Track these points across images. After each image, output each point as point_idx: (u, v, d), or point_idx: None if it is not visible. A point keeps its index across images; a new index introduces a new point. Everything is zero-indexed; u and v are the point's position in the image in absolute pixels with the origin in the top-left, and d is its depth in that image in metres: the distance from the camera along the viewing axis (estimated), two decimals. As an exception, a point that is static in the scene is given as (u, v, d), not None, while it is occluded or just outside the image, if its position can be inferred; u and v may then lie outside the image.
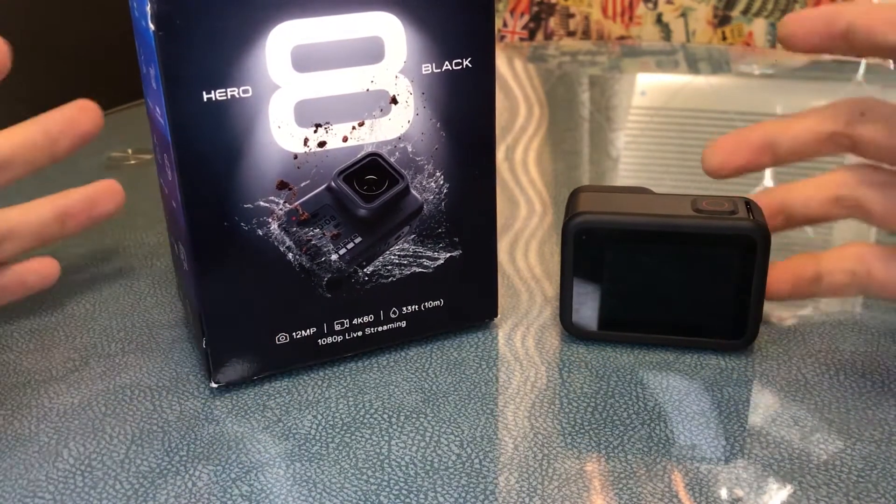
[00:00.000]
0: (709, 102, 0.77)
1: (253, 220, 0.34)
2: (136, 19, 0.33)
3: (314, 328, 0.37)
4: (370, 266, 0.37)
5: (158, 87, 0.32)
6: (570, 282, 0.38)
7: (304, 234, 0.35)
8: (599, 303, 0.38)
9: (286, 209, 0.34)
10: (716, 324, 0.37)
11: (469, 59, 0.35)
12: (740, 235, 0.36)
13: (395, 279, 0.37)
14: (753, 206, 0.37)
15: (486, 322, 0.41)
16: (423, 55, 0.34)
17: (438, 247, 0.38)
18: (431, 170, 0.36)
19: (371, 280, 0.37)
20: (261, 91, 0.32)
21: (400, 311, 0.38)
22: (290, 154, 0.34)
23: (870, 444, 0.33)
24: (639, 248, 0.37)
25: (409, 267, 0.37)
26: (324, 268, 0.36)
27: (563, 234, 0.37)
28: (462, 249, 0.38)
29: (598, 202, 0.38)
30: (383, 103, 0.34)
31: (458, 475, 0.32)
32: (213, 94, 0.32)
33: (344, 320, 0.37)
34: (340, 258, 0.36)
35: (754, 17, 1.12)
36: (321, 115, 0.34)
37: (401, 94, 0.35)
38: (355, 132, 0.34)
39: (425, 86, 0.35)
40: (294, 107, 0.33)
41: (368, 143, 0.35)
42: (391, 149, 0.35)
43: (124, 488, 0.32)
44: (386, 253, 0.37)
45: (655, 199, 0.38)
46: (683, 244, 0.36)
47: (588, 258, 0.37)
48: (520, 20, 1.17)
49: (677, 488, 0.31)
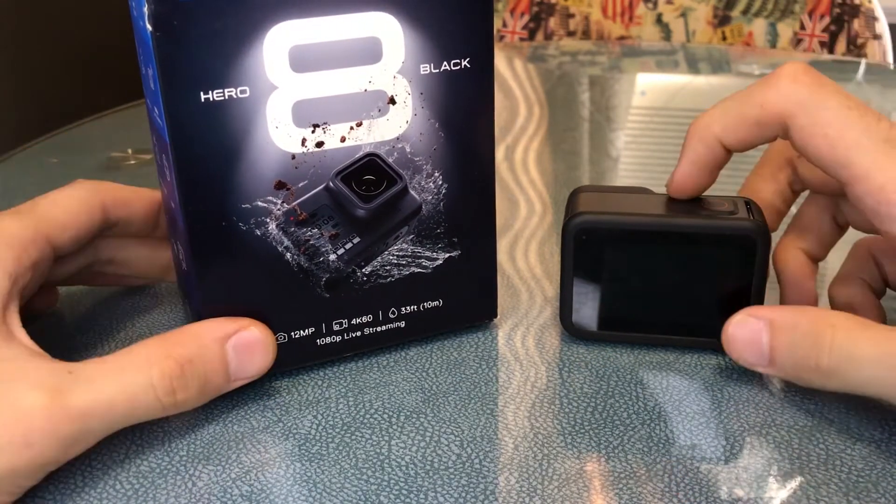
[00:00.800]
0: (709, 102, 0.77)
1: (251, 221, 0.34)
2: (135, 19, 0.33)
3: (313, 328, 0.37)
4: (368, 266, 0.37)
5: (156, 88, 0.32)
6: (570, 282, 0.38)
7: (303, 234, 0.35)
8: (599, 303, 0.38)
9: (284, 209, 0.34)
10: (716, 324, 0.37)
11: (468, 59, 0.35)
12: (740, 235, 0.36)
13: (393, 279, 0.37)
14: (753, 205, 0.37)
15: (485, 322, 0.41)
16: (422, 55, 0.34)
17: (437, 247, 0.37)
18: (430, 170, 0.36)
19: (370, 280, 0.37)
20: (258, 91, 0.32)
21: (399, 312, 0.38)
22: (287, 154, 0.34)
23: (870, 444, 0.33)
24: (639, 248, 0.37)
25: (407, 267, 0.37)
26: (322, 268, 0.36)
27: (563, 235, 0.37)
28: (461, 250, 0.38)
29: (597, 202, 0.38)
30: (381, 103, 0.34)
31: (458, 475, 0.32)
32: (211, 95, 0.32)
33: (343, 320, 0.37)
34: (339, 258, 0.36)
35: (754, 17, 1.12)
36: (319, 116, 0.34)
37: (399, 95, 0.34)
38: (353, 132, 0.34)
39: (424, 86, 0.35)
40: (292, 107, 0.33)
41: (366, 143, 0.35)
42: (389, 149, 0.35)
43: (124, 488, 0.32)
44: (384, 253, 0.37)
45: (655, 199, 0.38)
46: (683, 244, 0.36)
47: (588, 258, 0.37)
48: (520, 20, 1.17)
49: (677, 488, 0.31)
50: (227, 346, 0.34)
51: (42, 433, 0.29)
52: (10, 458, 0.29)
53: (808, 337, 0.33)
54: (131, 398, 0.31)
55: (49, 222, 0.36)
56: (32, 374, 0.30)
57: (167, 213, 0.38)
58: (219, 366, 0.34)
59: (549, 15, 1.18)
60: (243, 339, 0.34)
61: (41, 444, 0.29)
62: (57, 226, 0.36)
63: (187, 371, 0.32)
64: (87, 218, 0.37)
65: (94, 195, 0.38)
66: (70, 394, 0.30)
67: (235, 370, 0.34)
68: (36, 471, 0.30)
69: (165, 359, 0.32)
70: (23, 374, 0.30)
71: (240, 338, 0.34)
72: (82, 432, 0.30)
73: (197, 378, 0.33)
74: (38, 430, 0.29)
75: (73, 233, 0.37)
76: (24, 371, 0.31)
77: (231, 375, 0.34)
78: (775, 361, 0.34)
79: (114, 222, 0.39)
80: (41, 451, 0.29)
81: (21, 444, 0.29)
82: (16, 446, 0.29)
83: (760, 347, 0.34)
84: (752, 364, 0.35)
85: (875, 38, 1.07)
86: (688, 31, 1.15)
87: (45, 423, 0.29)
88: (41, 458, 0.30)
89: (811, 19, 1.10)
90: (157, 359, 0.32)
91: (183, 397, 0.33)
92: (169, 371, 0.32)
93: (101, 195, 0.38)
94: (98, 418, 0.31)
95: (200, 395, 0.33)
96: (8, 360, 0.31)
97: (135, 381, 0.31)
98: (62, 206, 0.37)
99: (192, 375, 0.33)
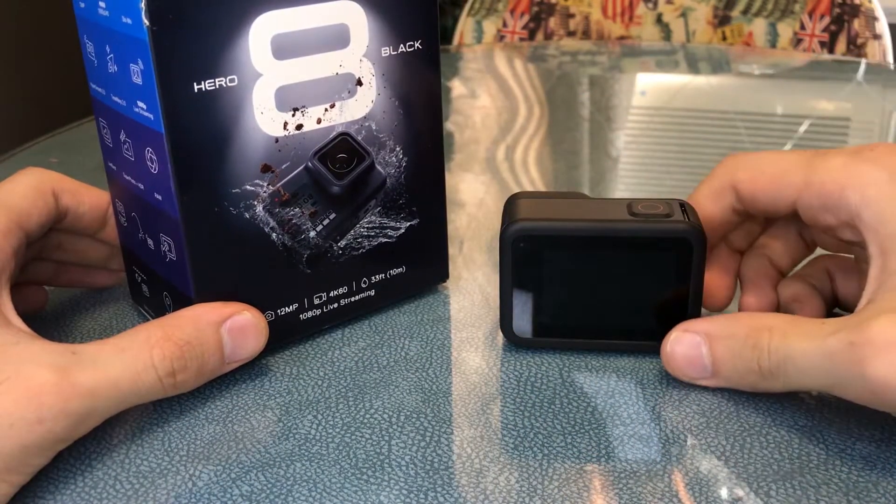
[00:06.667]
0: (709, 102, 0.77)
1: (241, 204, 0.36)
2: (107, 19, 0.34)
3: (296, 304, 0.39)
4: (343, 240, 0.39)
5: (147, 82, 0.33)
6: (509, 289, 0.38)
7: (286, 213, 0.37)
8: (539, 309, 0.38)
9: (269, 191, 0.36)
10: (656, 327, 0.37)
11: (419, 41, 0.39)
12: (676, 238, 0.36)
13: (364, 251, 0.40)
14: (688, 207, 0.37)
15: (438, 287, 0.44)
16: (382, 39, 0.37)
17: (400, 217, 0.41)
18: (392, 145, 0.39)
19: (344, 253, 0.40)
20: (245, 79, 0.34)
21: (370, 281, 0.41)
22: (272, 138, 0.36)
23: (870, 444, 0.33)
24: (576, 254, 0.37)
25: (376, 238, 0.40)
26: (304, 245, 0.38)
27: (500, 242, 0.37)
28: (419, 218, 0.41)
29: (535, 208, 0.37)
30: (350, 85, 0.37)
31: (458, 475, 0.32)
32: (203, 85, 0.33)
33: (322, 294, 0.39)
34: (318, 234, 0.38)
35: (754, 17, 1.12)
36: (298, 100, 0.36)
37: (364, 77, 0.37)
38: (327, 114, 0.37)
39: (385, 67, 0.38)
40: (275, 93, 0.35)
41: (339, 123, 0.37)
42: (358, 128, 0.38)
43: (124, 488, 0.32)
44: (357, 226, 0.40)
45: (592, 204, 0.38)
46: (619, 248, 0.36)
47: (526, 265, 0.37)
48: (520, 20, 1.17)
49: (677, 488, 0.31)
50: (223, 329, 0.35)
51: (53, 410, 0.30)
52: (23, 434, 0.30)
53: (748, 342, 0.33)
54: (134, 378, 0.32)
55: (16, 210, 0.37)
56: (38, 355, 0.31)
57: (138, 214, 0.38)
58: (215, 348, 0.35)
59: (549, 15, 1.18)
60: (237, 322, 0.35)
61: (52, 421, 0.30)
62: (23, 213, 0.37)
63: (186, 353, 0.34)
64: (43, 203, 0.38)
65: (46, 182, 0.39)
66: (77, 372, 0.31)
67: (230, 353, 0.35)
68: (47, 448, 0.30)
69: (165, 341, 0.33)
70: (29, 355, 0.31)
71: (234, 322, 0.35)
72: (90, 410, 0.31)
73: (195, 360, 0.34)
74: (49, 406, 0.30)
75: (37, 219, 0.38)
76: (31, 352, 0.31)
77: (226, 358, 0.35)
78: (719, 372, 0.35)
79: (63, 212, 0.39)
80: (52, 427, 0.30)
81: (33, 421, 0.30)
82: (28, 423, 0.30)
83: (701, 361, 0.35)
84: (694, 378, 0.36)
85: (875, 38, 1.07)
86: (688, 31, 1.15)
87: (56, 399, 0.30)
88: (52, 434, 0.30)
89: (811, 19, 1.10)
90: (156, 340, 0.33)
91: (182, 378, 0.34)
92: (169, 353, 0.33)
93: (51, 182, 0.39)
94: (104, 397, 0.31)
95: (198, 377, 0.34)
96: (11, 343, 0.32)
97: (137, 361, 0.32)
98: (20, 193, 0.38)
99: (190, 357, 0.34)
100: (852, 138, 0.68)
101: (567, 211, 0.37)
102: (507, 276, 0.37)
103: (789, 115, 0.72)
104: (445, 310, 0.42)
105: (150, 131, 0.34)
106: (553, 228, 0.36)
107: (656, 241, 0.36)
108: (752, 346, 0.33)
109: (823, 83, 0.83)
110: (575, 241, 0.36)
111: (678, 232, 0.36)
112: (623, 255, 0.36)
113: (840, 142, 0.67)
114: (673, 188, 0.58)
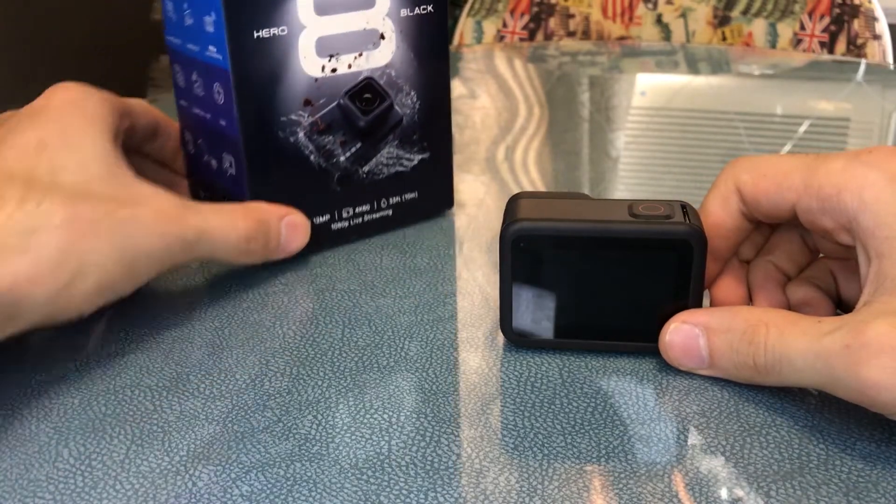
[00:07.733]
0: (709, 102, 0.77)
1: (287, 130, 0.45)
2: None
3: (329, 215, 0.48)
4: (367, 166, 0.48)
5: (218, 31, 0.42)
6: (508, 289, 0.38)
7: (322, 140, 0.46)
8: (539, 310, 0.38)
9: (309, 121, 0.45)
10: (656, 328, 0.37)
11: (431, 5, 0.47)
12: (676, 240, 0.36)
13: (383, 176, 0.49)
14: (689, 209, 0.37)
15: (445, 212, 0.52)
16: (401, 2, 0.46)
17: (413, 150, 0.49)
18: (408, 90, 0.48)
19: (368, 177, 0.48)
20: (293, 30, 0.43)
21: (388, 202, 0.49)
22: (312, 78, 0.44)
23: (870, 444, 0.33)
24: (576, 254, 0.37)
25: (393, 167, 0.49)
26: (335, 167, 0.47)
27: (500, 241, 0.37)
28: (430, 152, 0.50)
29: (535, 208, 0.37)
30: (375, 39, 0.46)
31: (458, 475, 0.32)
32: (261, 33, 0.42)
33: (349, 208, 0.48)
34: (346, 159, 0.47)
35: (754, 17, 1.12)
36: (333, 48, 0.45)
37: (386, 32, 0.46)
38: (356, 61, 0.45)
39: (403, 26, 0.46)
40: (315, 42, 0.44)
41: (365, 69, 0.46)
42: (380, 74, 0.46)
43: (124, 488, 0.32)
44: (378, 156, 0.48)
45: (593, 205, 0.38)
46: (620, 249, 0.36)
47: (526, 265, 0.37)
48: (520, 20, 1.17)
49: (677, 488, 0.31)
50: (283, 223, 0.44)
51: (173, 229, 0.38)
52: (147, 240, 0.37)
53: (745, 336, 0.34)
54: (225, 233, 0.41)
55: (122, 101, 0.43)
56: (163, 192, 0.39)
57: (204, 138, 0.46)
58: (276, 234, 0.44)
59: (549, 15, 1.18)
60: (292, 220, 0.45)
61: (170, 239, 0.38)
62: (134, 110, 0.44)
63: (260, 228, 0.43)
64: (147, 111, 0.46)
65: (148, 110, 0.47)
66: (188, 213, 0.39)
67: (284, 242, 0.45)
68: (154, 264, 0.38)
69: (248, 213, 0.43)
70: (156, 191, 0.39)
71: (290, 219, 0.45)
72: (193, 246, 0.39)
73: (264, 236, 0.43)
74: (173, 223, 0.38)
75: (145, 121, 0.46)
76: (155, 188, 0.39)
77: (280, 246, 0.44)
78: (715, 364, 0.36)
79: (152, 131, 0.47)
80: (168, 244, 0.38)
81: (157, 234, 0.37)
82: (152, 231, 0.37)
83: (699, 351, 0.36)
84: (691, 368, 0.36)
85: (875, 38, 1.07)
86: (688, 32, 1.15)
87: (177, 223, 0.39)
88: (167, 250, 0.38)
89: (811, 19, 1.10)
90: (241, 212, 0.42)
91: (253, 247, 0.43)
92: (252, 223, 0.42)
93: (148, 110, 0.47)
94: (203, 241, 0.40)
95: (263, 251, 0.43)
96: (139, 183, 0.39)
97: (227, 221, 0.41)
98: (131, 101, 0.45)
99: (261, 233, 0.43)
100: (852, 139, 0.68)
101: (567, 211, 0.37)
102: (506, 276, 0.37)
103: (789, 115, 0.72)
104: (445, 310, 0.42)
105: (218, 70, 0.43)
106: (553, 229, 0.36)
107: (656, 242, 0.36)
108: (749, 341, 0.34)
109: (823, 83, 0.83)
110: (575, 241, 0.36)
111: (678, 233, 0.36)
112: (623, 256, 0.36)
113: (840, 142, 0.67)
114: (673, 188, 0.58)
